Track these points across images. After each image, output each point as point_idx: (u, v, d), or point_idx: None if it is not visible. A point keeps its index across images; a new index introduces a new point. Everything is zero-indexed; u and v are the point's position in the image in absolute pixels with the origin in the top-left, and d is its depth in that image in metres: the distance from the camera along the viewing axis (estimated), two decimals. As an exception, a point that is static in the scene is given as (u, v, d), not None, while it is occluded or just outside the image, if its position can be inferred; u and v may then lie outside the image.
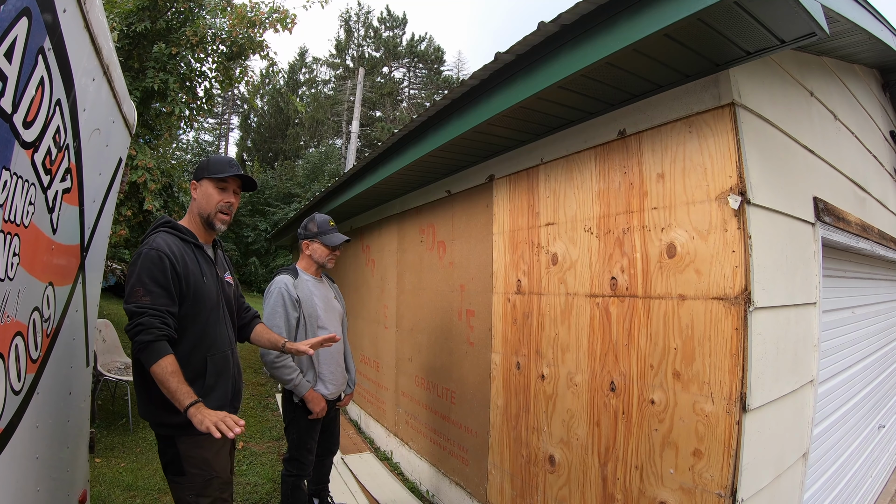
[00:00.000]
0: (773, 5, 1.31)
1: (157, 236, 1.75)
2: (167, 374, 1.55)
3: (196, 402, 1.55)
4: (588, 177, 2.19)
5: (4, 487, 1.19)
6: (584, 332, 2.17)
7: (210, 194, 1.89)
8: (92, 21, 1.54)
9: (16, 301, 1.19)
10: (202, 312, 1.78)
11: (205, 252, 1.89)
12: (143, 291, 1.63)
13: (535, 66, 1.87)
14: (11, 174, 1.10)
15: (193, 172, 1.95)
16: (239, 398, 1.93)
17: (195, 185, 1.91)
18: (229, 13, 6.26)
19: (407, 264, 4.12)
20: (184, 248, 1.78)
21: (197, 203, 1.90)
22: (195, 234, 1.87)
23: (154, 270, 1.65)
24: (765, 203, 1.69)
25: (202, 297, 1.78)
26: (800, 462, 2.01)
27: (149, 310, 1.61)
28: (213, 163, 1.93)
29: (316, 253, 2.78)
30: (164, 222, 1.83)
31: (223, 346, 1.85)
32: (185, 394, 1.56)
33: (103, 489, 3.27)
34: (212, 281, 1.85)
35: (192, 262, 1.78)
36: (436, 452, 3.46)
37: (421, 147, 2.85)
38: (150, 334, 1.58)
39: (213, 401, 1.72)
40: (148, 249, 1.68)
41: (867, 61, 2.95)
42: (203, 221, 1.90)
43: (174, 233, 1.80)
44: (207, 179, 1.90)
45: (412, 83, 33.39)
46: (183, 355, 1.69)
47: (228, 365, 1.85)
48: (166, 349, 1.59)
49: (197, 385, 1.71)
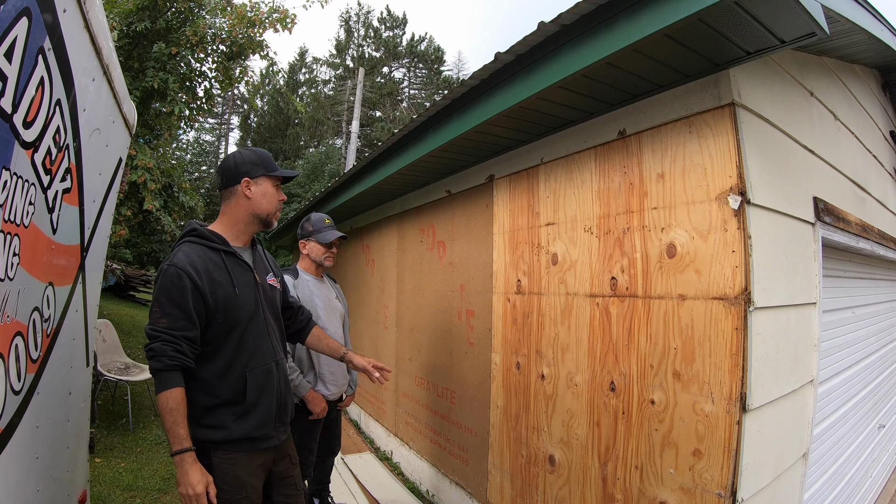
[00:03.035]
0: (773, 5, 1.31)
1: (180, 250, 1.62)
2: (166, 409, 1.49)
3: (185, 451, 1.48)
4: (588, 177, 2.19)
5: (4, 487, 1.19)
6: (584, 332, 2.17)
7: (271, 192, 1.76)
8: (92, 21, 1.54)
9: (16, 301, 1.19)
10: (238, 326, 1.65)
11: (238, 258, 1.72)
12: (161, 313, 1.54)
13: (535, 66, 1.87)
14: (11, 174, 1.10)
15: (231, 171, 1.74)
16: (286, 413, 1.79)
17: (248, 183, 1.72)
18: (229, 13, 6.26)
19: (407, 264, 4.12)
20: (211, 259, 1.64)
21: (250, 202, 1.73)
22: (226, 240, 1.71)
23: (172, 290, 1.54)
24: (765, 203, 1.69)
25: (235, 309, 1.64)
26: (800, 462, 2.01)
27: (162, 335, 1.52)
28: (265, 158, 1.77)
29: (313, 252, 2.78)
30: (189, 231, 1.69)
31: (265, 360, 1.70)
32: (177, 437, 1.48)
33: (103, 489, 3.27)
34: (247, 290, 1.70)
35: (220, 273, 1.64)
36: (436, 452, 3.46)
37: (421, 147, 2.85)
38: (160, 363, 1.50)
39: (254, 419, 1.63)
40: (167, 266, 1.58)
41: (867, 61, 2.95)
42: (259, 221, 1.76)
43: (200, 242, 1.66)
44: (266, 177, 1.74)
45: (412, 83, 33.39)
46: (220, 372, 1.61)
47: (272, 379, 1.71)
48: (174, 381, 1.51)
49: (238, 404, 1.62)
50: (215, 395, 1.60)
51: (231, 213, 1.75)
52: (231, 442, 1.59)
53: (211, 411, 1.59)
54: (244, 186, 1.72)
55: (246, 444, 1.61)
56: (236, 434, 1.59)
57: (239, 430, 1.60)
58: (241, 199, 1.73)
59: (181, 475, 1.48)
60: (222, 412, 1.60)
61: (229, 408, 1.61)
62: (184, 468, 1.47)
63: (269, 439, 1.68)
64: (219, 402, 1.60)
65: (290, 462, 1.83)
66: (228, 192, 1.74)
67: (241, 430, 1.60)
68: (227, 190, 1.75)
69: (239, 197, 1.73)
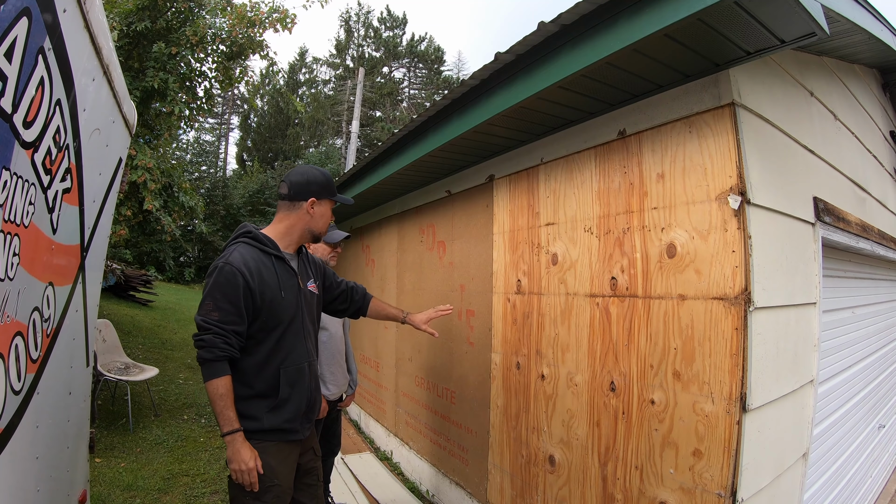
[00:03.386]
0: (773, 5, 1.31)
1: (235, 250, 1.75)
2: (217, 396, 1.63)
3: (235, 431, 1.63)
4: (588, 177, 2.19)
5: (4, 487, 1.19)
6: (584, 332, 2.17)
7: (328, 215, 1.96)
8: (92, 21, 1.54)
9: (16, 301, 1.19)
10: (279, 326, 1.78)
11: (286, 263, 1.85)
12: (213, 307, 1.66)
13: (535, 66, 1.87)
14: (11, 174, 1.10)
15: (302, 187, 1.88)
16: (314, 411, 1.92)
17: (314, 203, 1.89)
18: (229, 13, 6.26)
19: (407, 264, 4.12)
20: (262, 261, 1.77)
21: (311, 220, 1.90)
22: (278, 245, 1.85)
23: (226, 287, 1.67)
24: (765, 203, 1.69)
25: (278, 310, 1.77)
26: (800, 462, 2.01)
27: (214, 327, 1.64)
28: (331, 182, 1.96)
29: (318, 251, 2.79)
30: (244, 232, 1.83)
31: (299, 359, 1.83)
32: (228, 420, 1.63)
33: (103, 489, 3.27)
34: (291, 294, 1.83)
35: (270, 275, 1.77)
36: (436, 452, 3.46)
37: (421, 147, 2.85)
38: (211, 353, 1.63)
39: (286, 413, 1.76)
40: (223, 264, 1.70)
41: (867, 61, 2.95)
42: (311, 237, 1.95)
43: (254, 244, 1.79)
44: (329, 200, 1.95)
45: (412, 83, 33.39)
46: (257, 366, 1.74)
47: (304, 377, 1.83)
48: (223, 370, 1.64)
49: (271, 394, 1.74)
50: (251, 386, 1.72)
51: (289, 222, 1.90)
52: (263, 432, 1.71)
53: (246, 401, 1.71)
54: (309, 205, 1.88)
55: (276, 435, 1.74)
56: (268, 425, 1.71)
57: (270, 421, 1.72)
58: (304, 214, 1.89)
59: (233, 453, 1.62)
60: (256, 403, 1.72)
61: (263, 400, 1.73)
62: (235, 446, 1.62)
63: (295, 433, 1.81)
64: (254, 394, 1.72)
65: (313, 454, 1.99)
66: (292, 204, 1.89)
67: (272, 422, 1.72)
68: (291, 202, 1.89)
69: (301, 212, 1.89)
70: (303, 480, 1.92)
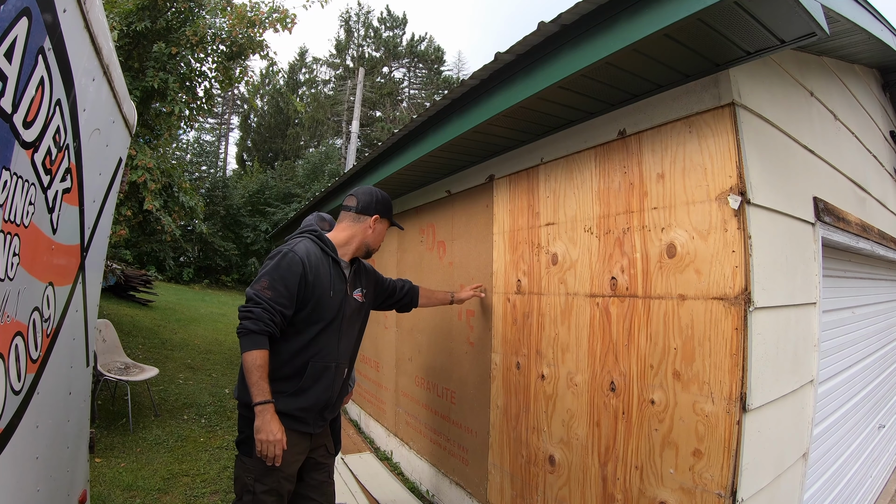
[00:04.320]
0: (773, 5, 1.31)
1: (303, 242, 1.90)
2: (255, 366, 1.69)
3: (268, 402, 1.68)
4: (588, 177, 2.19)
5: (4, 487, 1.19)
6: (584, 332, 2.17)
7: (383, 234, 2.15)
8: (92, 21, 1.54)
9: (16, 301, 1.19)
10: (320, 322, 1.88)
11: (340, 268, 1.98)
12: (269, 285, 1.77)
13: (535, 66, 1.87)
14: (11, 174, 1.10)
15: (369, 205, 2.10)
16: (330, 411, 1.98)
17: (377, 220, 2.09)
18: (229, 13, 6.26)
19: (407, 264, 4.12)
20: (321, 259, 1.91)
21: (371, 235, 2.09)
22: (336, 250, 1.99)
23: (286, 271, 1.79)
24: (765, 203, 1.69)
25: (323, 308, 1.88)
26: (800, 462, 2.01)
27: (265, 303, 1.74)
28: (391, 206, 2.16)
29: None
30: (312, 230, 1.98)
31: (328, 359, 1.91)
32: (262, 390, 1.69)
33: (103, 489, 3.27)
34: (338, 296, 1.94)
35: (325, 274, 1.90)
36: (436, 452, 3.46)
37: (421, 147, 2.85)
38: (257, 325, 1.71)
39: (302, 401, 1.83)
40: (289, 251, 1.84)
41: (867, 61, 2.95)
42: (366, 251, 2.10)
43: (319, 243, 1.94)
44: (388, 221, 2.16)
45: (412, 83, 33.38)
46: (288, 354, 1.83)
47: (328, 375, 1.91)
48: (264, 343, 1.71)
49: (293, 381, 1.82)
50: (277, 370, 1.80)
51: (352, 233, 2.07)
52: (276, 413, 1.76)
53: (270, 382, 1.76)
54: (373, 221, 2.08)
55: (287, 420, 1.78)
56: (281, 407, 1.77)
57: (285, 404, 1.79)
58: (366, 228, 2.08)
59: (263, 423, 1.68)
60: (278, 386, 1.79)
61: (284, 383, 1.81)
62: (266, 417, 1.68)
63: (306, 424, 1.86)
64: (278, 377, 1.80)
65: (325, 451, 2.05)
66: (358, 216, 2.08)
67: (286, 405, 1.79)
68: (356, 214, 2.08)
69: (364, 226, 2.07)
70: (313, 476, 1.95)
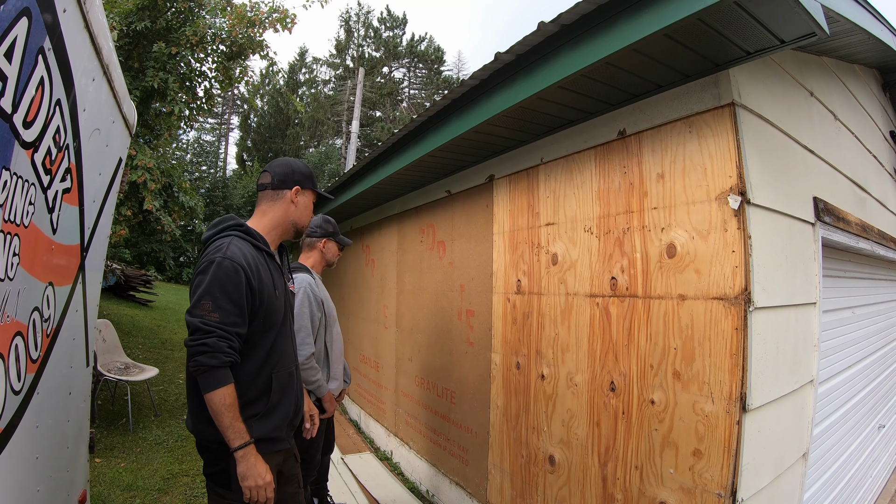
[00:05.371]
0: (773, 5, 1.31)
1: (232, 244, 1.57)
2: (224, 406, 1.46)
3: (248, 444, 1.49)
4: (588, 177, 2.19)
5: (4, 487, 1.19)
6: (584, 333, 2.17)
7: (310, 207, 1.83)
8: (92, 21, 1.54)
9: (16, 301, 1.19)
10: (273, 328, 1.65)
11: (275, 261, 1.73)
12: (213, 306, 1.48)
13: (535, 66, 1.87)
14: (11, 174, 1.10)
15: (287, 175, 1.76)
16: (298, 417, 1.81)
17: (298, 192, 1.76)
18: (229, 13, 6.25)
19: (407, 264, 4.12)
20: (257, 258, 1.62)
21: (296, 210, 1.77)
22: (267, 241, 1.71)
23: (228, 284, 1.50)
24: (765, 203, 1.69)
25: (273, 312, 1.64)
26: (800, 462, 2.01)
27: (217, 330, 1.47)
28: (312, 174, 1.84)
29: (330, 251, 2.82)
30: (234, 224, 1.65)
31: (288, 364, 1.72)
32: (238, 432, 1.48)
33: (103, 489, 3.27)
34: (281, 293, 1.71)
35: (265, 273, 1.63)
36: (436, 452, 3.46)
37: (421, 147, 2.85)
38: (216, 359, 1.45)
39: (275, 419, 1.65)
40: (222, 258, 1.52)
41: (867, 61, 2.95)
42: (295, 231, 1.80)
43: (248, 239, 1.63)
44: (312, 191, 1.82)
45: (412, 83, 33.39)
46: (251, 372, 1.60)
47: (293, 383, 1.74)
48: (228, 378, 1.47)
49: (262, 402, 1.61)
50: (243, 393, 1.56)
51: (273, 215, 1.75)
52: None
53: None
54: (294, 193, 1.75)
55: (265, 445, 1.60)
56: (256, 434, 1.57)
57: (258, 430, 1.58)
58: (288, 204, 1.75)
59: (248, 468, 1.48)
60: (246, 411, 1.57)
61: (253, 406, 1.60)
62: (250, 461, 1.49)
63: (282, 441, 1.69)
64: (244, 402, 1.57)
65: (294, 461, 1.87)
66: (276, 193, 1.75)
67: (260, 431, 1.58)
68: (274, 191, 1.75)
69: (286, 202, 1.75)
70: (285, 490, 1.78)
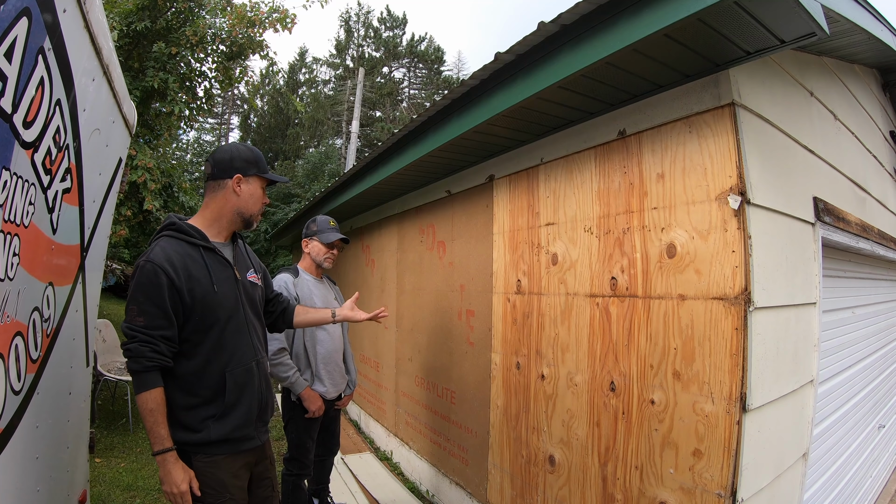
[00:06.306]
0: (773, 5, 1.31)
1: (157, 245, 1.58)
2: (147, 410, 1.48)
3: (166, 451, 1.49)
4: (588, 177, 2.19)
5: (4, 487, 1.19)
6: (584, 333, 2.17)
7: (258, 194, 1.75)
8: (92, 21, 1.54)
9: (16, 301, 1.19)
10: (216, 325, 1.61)
11: (217, 254, 1.68)
12: (138, 311, 1.50)
13: (535, 66, 1.87)
14: (11, 174, 1.10)
15: (226, 163, 1.70)
16: (267, 412, 1.77)
17: (240, 180, 1.70)
18: (229, 13, 6.26)
19: (407, 264, 4.12)
20: (188, 255, 1.60)
21: (238, 200, 1.71)
22: (206, 235, 1.67)
23: (149, 288, 1.51)
24: (765, 203, 1.69)
25: (213, 307, 1.60)
26: (800, 462, 2.01)
27: (140, 334, 1.49)
28: (259, 157, 1.76)
29: (314, 251, 2.81)
30: (167, 225, 1.65)
31: (245, 359, 1.67)
32: (159, 437, 1.49)
33: (103, 489, 3.27)
34: (227, 287, 1.66)
35: (199, 269, 1.60)
36: (436, 452, 3.46)
37: (421, 147, 2.85)
38: (139, 364, 1.49)
39: (234, 420, 1.61)
40: (144, 262, 1.53)
41: (867, 61, 2.95)
42: (243, 220, 1.76)
43: (179, 237, 1.62)
44: (258, 177, 1.74)
45: (412, 83, 33.38)
46: (198, 370, 1.58)
47: (252, 378, 1.68)
48: (152, 381, 1.50)
49: (217, 403, 1.59)
50: (195, 393, 1.58)
51: (215, 207, 1.71)
52: (210, 444, 1.57)
53: (190, 410, 1.57)
54: (235, 183, 1.69)
55: (226, 447, 1.60)
56: (215, 436, 1.57)
57: (218, 431, 1.57)
58: (230, 194, 1.70)
59: (164, 474, 1.49)
60: (201, 411, 1.58)
61: (208, 407, 1.59)
62: (166, 467, 1.49)
63: (250, 440, 1.67)
64: (199, 402, 1.58)
65: (269, 463, 1.83)
66: (216, 184, 1.70)
67: (219, 432, 1.58)
68: (214, 182, 1.70)
69: (227, 192, 1.70)
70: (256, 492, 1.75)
